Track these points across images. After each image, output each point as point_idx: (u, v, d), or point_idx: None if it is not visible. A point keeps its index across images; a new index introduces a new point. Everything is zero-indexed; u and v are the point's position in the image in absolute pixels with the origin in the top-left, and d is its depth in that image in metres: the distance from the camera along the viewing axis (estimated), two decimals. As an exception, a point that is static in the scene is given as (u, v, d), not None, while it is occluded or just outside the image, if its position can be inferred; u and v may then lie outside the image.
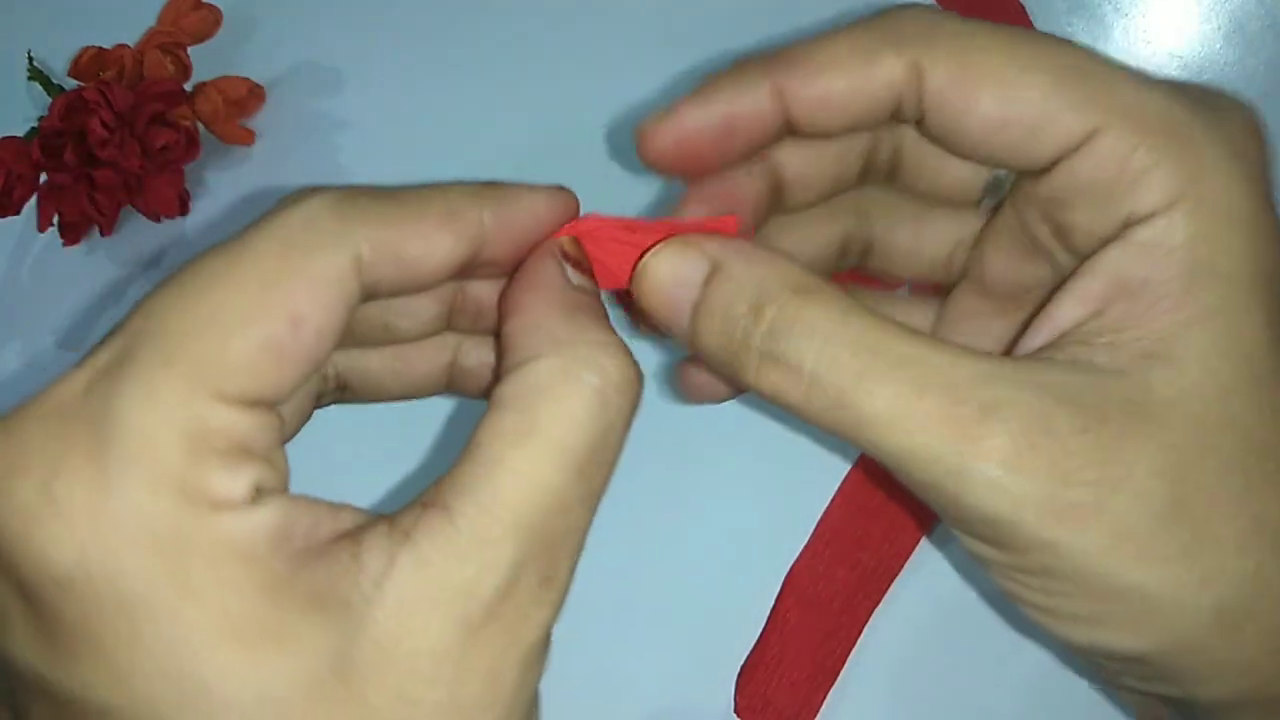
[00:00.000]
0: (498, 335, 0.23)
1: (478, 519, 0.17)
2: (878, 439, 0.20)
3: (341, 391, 0.24)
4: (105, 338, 0.17)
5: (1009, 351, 0.22)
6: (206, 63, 0.48)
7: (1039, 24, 0.44)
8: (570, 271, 0.22)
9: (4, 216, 0.44)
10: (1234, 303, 0.19)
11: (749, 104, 0.22)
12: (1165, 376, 0.19)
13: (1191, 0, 0.44)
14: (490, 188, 0.21)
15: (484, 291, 0.24)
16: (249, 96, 0.47)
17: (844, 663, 0.34)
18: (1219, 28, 0.43)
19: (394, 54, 0.49)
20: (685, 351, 0.24)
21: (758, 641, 0.35)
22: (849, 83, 0.21)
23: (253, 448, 0.16)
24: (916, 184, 0.25)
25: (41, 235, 0.47)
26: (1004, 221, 0.24)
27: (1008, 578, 0.21)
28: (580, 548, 0.19)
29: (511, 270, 0.22)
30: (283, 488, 0.17)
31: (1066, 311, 0.20)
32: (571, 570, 0.19)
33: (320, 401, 0.24)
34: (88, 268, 0.46)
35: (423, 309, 0.23)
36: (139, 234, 0.46)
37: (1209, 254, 0.19)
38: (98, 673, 0.15)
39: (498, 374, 0.19)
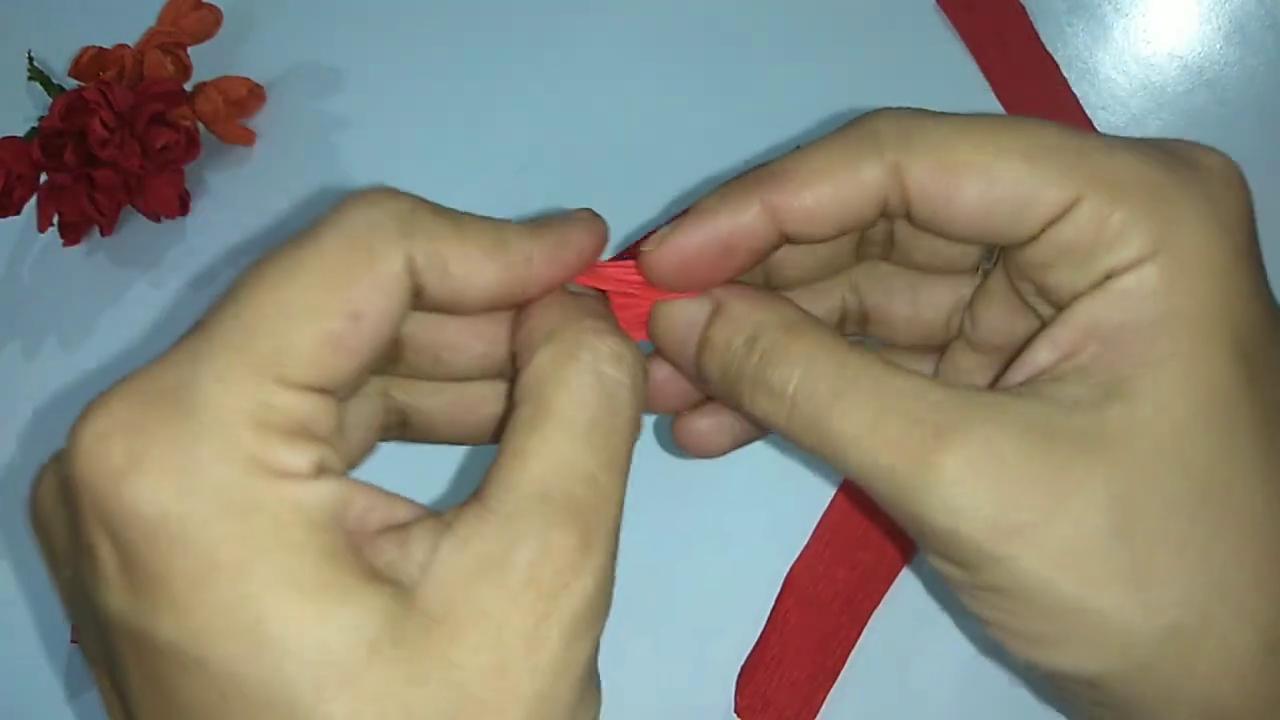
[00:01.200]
0: None
1: (505, 498, 0.19)
2: (847, 457, 0.21)
3: (402, 428, 0.26)
4: (195, 323, 0.19)
5: None
6: (207, 63, 0.48)
7: (1039, 24, 0.44)
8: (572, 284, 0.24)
9: (4, 216, 0.44)
10: (1197, 346, 0.20)
11: (743, 224, 0.23)
12: (1120, 411, 0.20)
13: (1192, 0, 0.44)
14: (543, 229, 0.22)
15: None
16: (249, 96, 0.47)
17: (844, 663, 0.34)
18: (1219, 28, 0.43)
19: (394, 54, 0.49)
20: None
21: (758, 641, 0.35)
22: (835, 193, 0.22)
23: (313, 429, 0.18)
24: (912, 258, 0.26)
25: (41, 235, 0.47)
26: (994, 282, 0.25)
27: (970, 595, 0.22)
28: (616, 514, 0.20)
29: None
30: (341, 470, 0.18)
31: (1042, 355, 0.22)
32: (611, 537, 0.20)
33: (384, 435, 0.26)
34: (88, 268, 0.46)
35: (470, 344, 0.24)
36: (139, 234, 0.47)
37: (1179, 300, 0.20)
38: (178, 622, 0.17)
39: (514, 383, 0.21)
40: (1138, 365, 0.20)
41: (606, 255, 0.42)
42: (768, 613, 0.35)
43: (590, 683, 0.20)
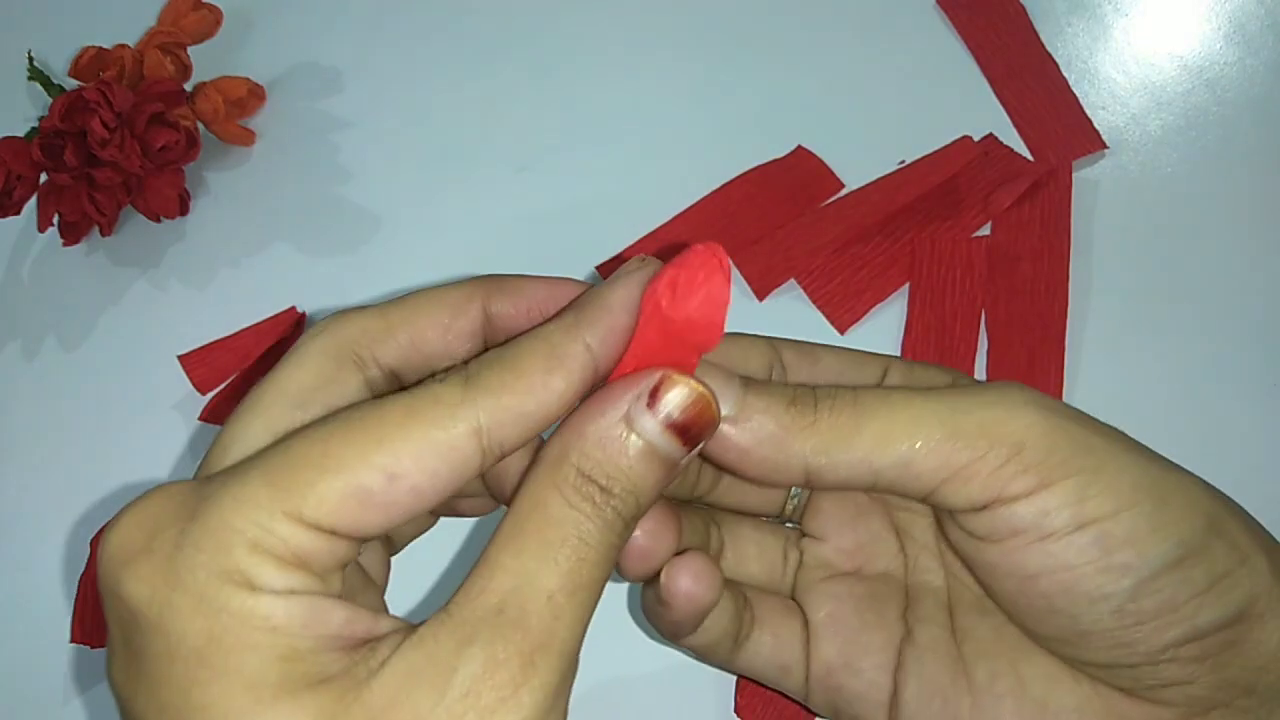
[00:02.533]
0: None
1: (465, 606, 0.20)
2: (924, 420, 0.23)
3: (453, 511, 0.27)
4: (262, 450, 0.21)
5: None
6: (207, 63, 0.48)
7: (1039, 24, 0.44)
8: None
9: (4, 216, 0.44)
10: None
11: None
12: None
13: (1192, 0, 0.44)
14: (583, 308, 0.22)
15: None
16: (249, 96, 0.47)
17: (844, 663, 0.34)
18: (1219, 28, 0.43)
19: (394, 54, 0.49)
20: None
21: (758, 641, 0.35)
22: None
23: (309, 562, 0.19)
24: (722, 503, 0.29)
25: (41, 235, 0.47)
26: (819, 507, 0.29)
27: (1064, 524, 0.22)
28: (571, 638, 0.20)
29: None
30: (325, 592, 0.20)
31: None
32: (562, 658, 0.20)
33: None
34: (88, 267, 0.46)
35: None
36: (139, 234, 0.47)
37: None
38: (149, 697, 0.19)
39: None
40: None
41: (607, 255, 0.42)
42: (768, 613, 0.35)
43: None
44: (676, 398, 0.22)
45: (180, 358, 0.42)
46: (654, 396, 0.21)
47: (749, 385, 0.23)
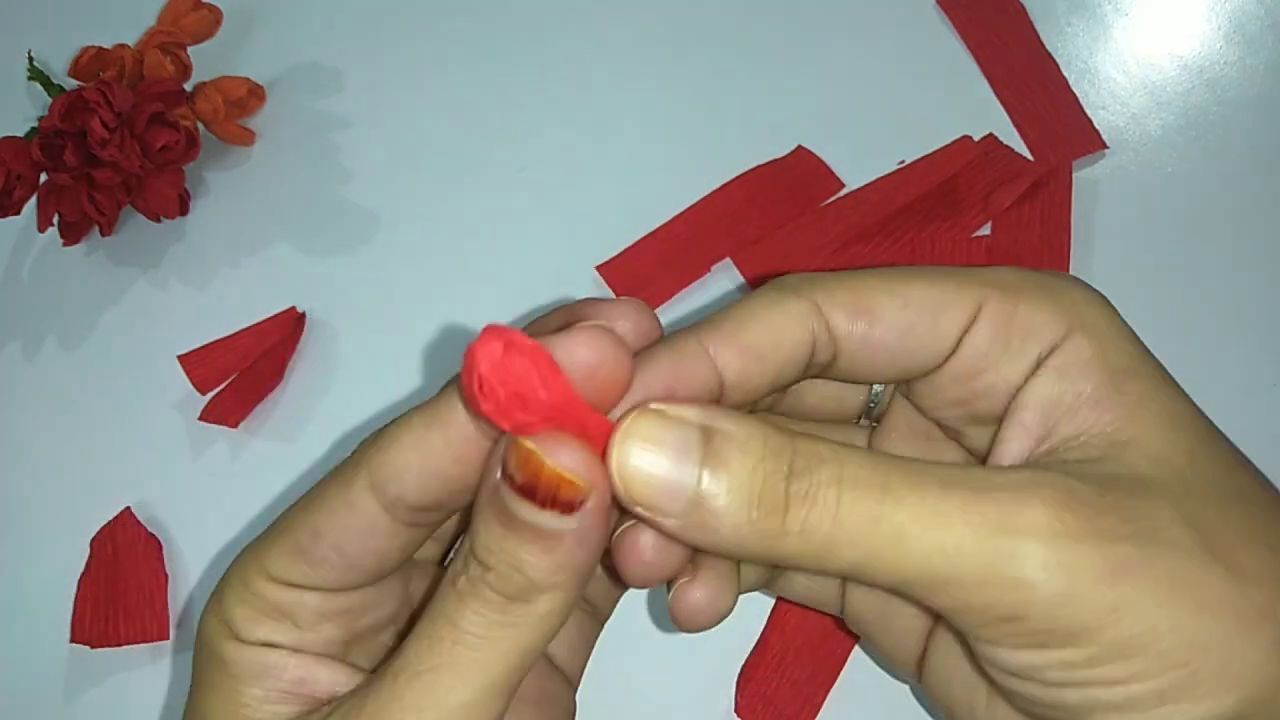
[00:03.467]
0: None
1: (394, 674, 0.21)
2: (911, 549, 0.19)
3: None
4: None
5: None
6: (206, 63, 0.48)
7: (1039, 23, 0.44)
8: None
9: (4, 216, 0.44)
10: (1157, 386, 0.22)
11: (685, 371, 0.22)
12: (1135, 452, 0.21)
13: (1192, 0, 0.44)
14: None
15: None
16: (249, 96, 0.47)
17: (844, 663, 0.34)
18: (1219, 27, 0.43)
19: (394, 54, 0.49)
20: None
21: (758, 641, 0.35)
22: (768, 333, 0.22)
23: (284, 611, 0.22)
24: (803, 403, 0.27)
25: (41, 235, 0.47)
26: (892, 428, 0.26)
27: (1080, 684, 0.20)
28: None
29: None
30: (301, 644, 0.23)
31: (1015, 446, 0.22)
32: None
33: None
34: (88, 268, 0.46)
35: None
36: (139, 234, 0.47)
37: (1117, 360, 0.22)
38: (189, 699, 0.23)
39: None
40: (1119, 417, 0.21)
41: (607, 255, 0.42)
42: (768, 613, 0.35)
43: None
44: (510, 460, 0.19)
45: (180, 358, 0.42)
46: (505, 464, 0.20)
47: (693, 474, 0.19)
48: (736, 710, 0.34)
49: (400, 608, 0.25)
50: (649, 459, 0.19)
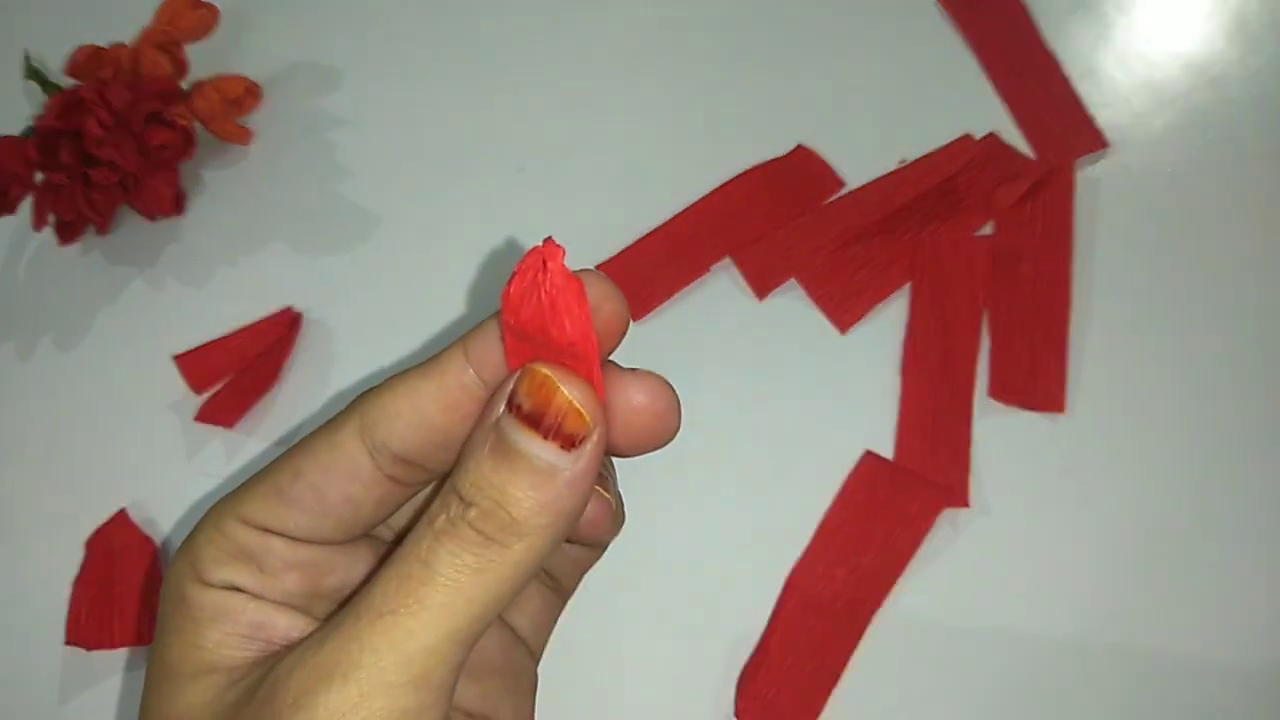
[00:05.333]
0: None
1: (355, 615, 0.21)
2: None
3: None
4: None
5: None
6: (204, 61, 0.48)
7: (1041, 22, 0.44)
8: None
9: (0, 216, 0.44)
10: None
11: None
12: None
13: (1193, -1, 0.44)
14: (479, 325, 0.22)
15: None
16: (246, 95, 0.47)
17: (845, 665, 0.34)
18: (1221, 26, 0.43)
19: (392, 53, 0.49)
20: None
21: (759, 643, 0.35)
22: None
23: (250, 554, 0.22)
24: None
25: (37, 234, 0.46)
26: None
27: None
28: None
29: None
30: (262, 590, 0.22)
31: None
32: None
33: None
34: (84, 267, 0.46)
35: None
36: (135, 233, 0.46)
37: None
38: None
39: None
40: None
41: (607, 255, 0.42)
42: (768, 614, 0.35)
43: None
44: (521, 386, 0.20)
45: (176, 357, 0.42)
46: (513, 394, 0.20)
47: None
48: (736, 713, 0.34)
49: (367, 576, 0.25)
50: None
